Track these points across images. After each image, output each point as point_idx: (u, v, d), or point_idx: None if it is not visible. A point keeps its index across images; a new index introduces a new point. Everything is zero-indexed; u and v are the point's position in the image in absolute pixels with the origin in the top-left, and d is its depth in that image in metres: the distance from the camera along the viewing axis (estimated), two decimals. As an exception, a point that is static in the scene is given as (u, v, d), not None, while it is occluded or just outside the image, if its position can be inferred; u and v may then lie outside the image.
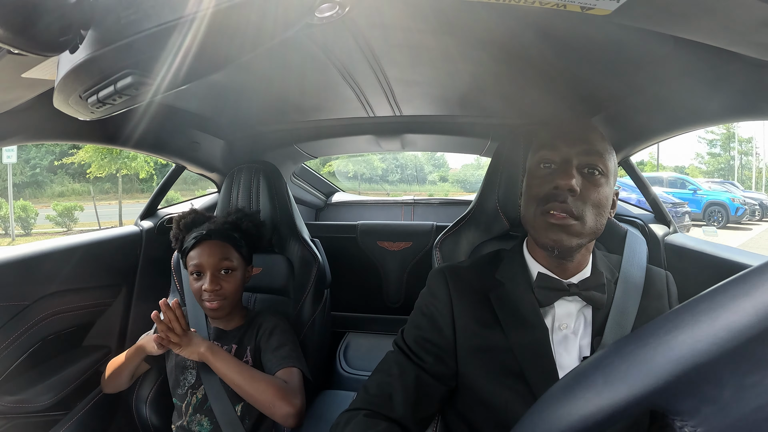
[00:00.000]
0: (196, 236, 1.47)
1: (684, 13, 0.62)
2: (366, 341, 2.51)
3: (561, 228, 0.96)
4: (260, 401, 1.31)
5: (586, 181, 0.98)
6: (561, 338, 1.00)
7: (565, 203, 0.95)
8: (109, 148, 13.82)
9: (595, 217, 0.97)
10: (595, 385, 0.40)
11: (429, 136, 2.19)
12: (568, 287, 1.00)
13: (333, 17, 0.56)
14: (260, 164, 1.85)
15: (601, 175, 0.98)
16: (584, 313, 1.01)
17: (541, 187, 1.01)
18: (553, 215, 0.96)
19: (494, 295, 1.06)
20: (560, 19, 0.95)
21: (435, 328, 1.07)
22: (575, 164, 0.99)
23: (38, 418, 1.51)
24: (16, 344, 1.46)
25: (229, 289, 1.46)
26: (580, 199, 0.96)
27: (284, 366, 1.40)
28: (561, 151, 1.01)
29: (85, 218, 16.61)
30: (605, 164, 0.99)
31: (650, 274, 1.11)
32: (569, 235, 0.96)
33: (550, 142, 1.03)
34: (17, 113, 1.15)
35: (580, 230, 0.96)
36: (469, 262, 1.18)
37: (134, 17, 0.48)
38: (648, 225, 1.85)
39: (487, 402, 1.00)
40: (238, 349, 1.49)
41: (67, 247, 1.69)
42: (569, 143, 1.00)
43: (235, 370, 1.34)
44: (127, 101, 0.62)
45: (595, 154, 0.98)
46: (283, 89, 1.58)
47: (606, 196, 0.99)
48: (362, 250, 2.67)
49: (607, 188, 0.99)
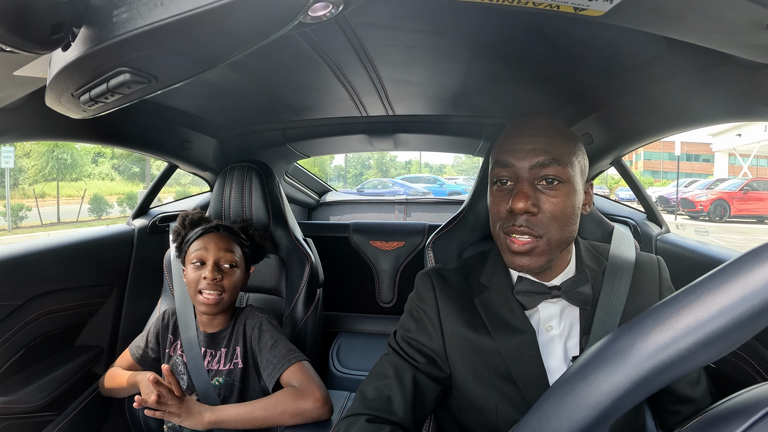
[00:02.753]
0: (204, 227, 1.49)
1: (676, 15, 0.62)
2: (358, 341, 2.51)
3: (524, 253, 0.94)
4: (286, 419, 1.28)
5: (544, 194, 0.94)
6: (547, 340, 0.99)
7: (522, 227, 0.93)
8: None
9: (560, 228, 0.94)
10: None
11: (422, 135, 2.19)
12: (550, 290, 0.98)
13: (327, 16, 0.56)
14: (253, 163, 1.85)
15: (561, 183, 0.94)
16: (570, 313, 1.00)
17: (499, 206, 0.98)
18: (514, 241, 0.94)
19: (479, 300, 1.05)
20: (553, 20, 0.95)
21: (424, 332, 1.06)
22: (528, 179, 0.94)
23: (30, 418, 1.50)
24: (8, 344, 1.45)
25: (228, 283, 1.43)
26: (539, 216, 0.93)
27: (289, 364, 1.36)
28: (512, 168, 0.96)
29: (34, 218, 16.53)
30: (564, 168, 0.94)
31: (640, 261, 1.08)
32: (535, 257, 0.94)
33: (500, 157, 0.99)
34: (9, 111, 1.14)
35: (545, 248, 0.94)
36: (456, 265, 1.17)
37: (127, 15, 0.48)
38: (640, 225, 1.86)
39: (477, 404, 1.00)
40: (227, 352, 1.47)
41: (58, 246, 1.68)
42: (519, 157, 0.95)
43: (247, 416, 1.30)
44: (119, 100, 0.62)
45: (549, 164, 0.93)
46: (276, 88, 1.58)
47: (570, 204, 0.94)
48: (355, 250, 2.67)
49: (570, 194, 0.95)
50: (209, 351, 1.49)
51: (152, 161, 27.77)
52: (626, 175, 1.90)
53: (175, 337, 1.55)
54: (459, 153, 2.65)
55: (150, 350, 1.56)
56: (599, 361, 0.41)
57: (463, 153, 2.61)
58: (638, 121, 1.43)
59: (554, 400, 0.44)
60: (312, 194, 3.61)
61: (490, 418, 0.98)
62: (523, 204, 0.91)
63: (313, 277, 1.76)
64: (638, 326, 0.40)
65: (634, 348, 0.39)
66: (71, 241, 1.75)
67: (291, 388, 1.33)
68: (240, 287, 1.51)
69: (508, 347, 0.98)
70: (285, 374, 1.35)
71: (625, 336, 0.40)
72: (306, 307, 1.71)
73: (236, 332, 1.49)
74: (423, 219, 3.26)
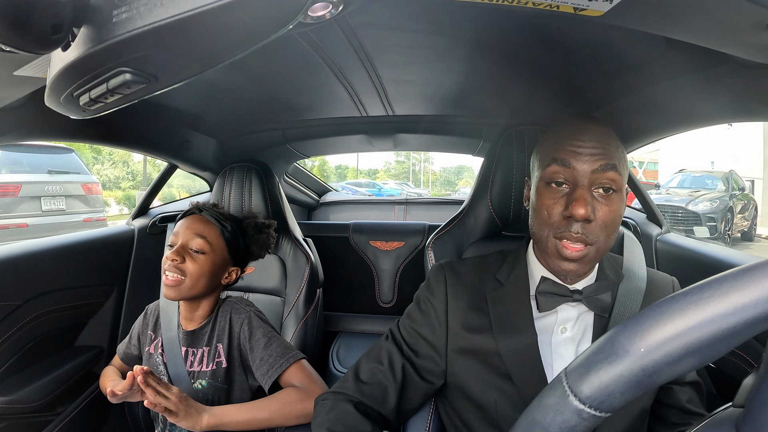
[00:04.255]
0: (186, 210, 1.42)
1: (676, 15, 0.62)
2: (359, 341, 2.51)
3: (575, 260, 0.92)
4: (292, 420, 1.25)
5: (600, 202, 0.91)
6: (559, 342, 0.99)
7: (579, 234, 0.90)
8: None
9: (608, 236, 0.92)
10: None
11: (421, 135, 2.19)
12: (572, 293, 0.97)
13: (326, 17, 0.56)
14: (252, 163, 1.85)
15: (614, 192, 0.91)
16: (585, 318, 1.00)
17: (553, 210, 0.93)
18: (567, 247, 0.91)
19: (491, 296, 1.06)
20: (553, 20, 0.95)
21: (428, 324, 1.08)
22: (589, 185, 0.91)
23: (30, 418, 1.50)
24: (8, 344, 1.45)
25: (191, 268, 1.33)
26: (593, 224, 0.90)
27: (288, 364, 1.31)
28: (573, 170, 0.92)
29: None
30: (619, 175, 0.91)
31: (655, 280, 1.07)
32: (584, 264, 0.93)
33: (560, 155, 0.94)
34: (9, 111, 1.14)
35: (594, 257, 0.92)
36: (472, 260, 1.17)
37: (127, 15, 0.48)
38: (640, 225, 1.86)
39: (476, 401, 1.01)
40: (209, 351, 1.39)
41: (58, 246, 1.68)
42: (582, 159, 0.91)
43: (250, 417, 1.24)
44: (119, 100, 0.62)
45: (610, 170, 0.90)
46: (276, 88, 1.58)
47: (620, 212, 0.92)
48: (355, 250, 2.67)
49: (621, 203, 0.93)
50: (190, 350, 1.41)
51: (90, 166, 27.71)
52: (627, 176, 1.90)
53: (155, 334, 1.48)
54: (459, 153, 2.65)
55: (132, 347, 1.51)
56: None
57: (463, 153, 2.61)
58: (638, 121, 1.43)
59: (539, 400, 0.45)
60: (312, 194, 3.61)
61: (490, 415, 0.99)
62: (584, 211, 0.88)
63: (313, 277, 1.76)
64: (635, 324, 0.40)
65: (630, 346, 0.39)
66: (71, 241, 1.75)
67: (294, 389, 1.28)
68: (213, 278, 1.39)
69: (509, 349, 0.98)
70: (284, 375, 1.30)
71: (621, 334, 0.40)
72: (306, 307, 1.71)
73: (218, 327, 1.41)
74: (423, 219, 3.25)
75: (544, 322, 1.00)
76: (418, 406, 1.10)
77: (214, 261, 1.37)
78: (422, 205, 3.65)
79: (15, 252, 1.53)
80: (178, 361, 1.38)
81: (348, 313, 2.69)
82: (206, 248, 1.36)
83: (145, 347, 1.47)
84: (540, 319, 1.01)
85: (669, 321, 0.37)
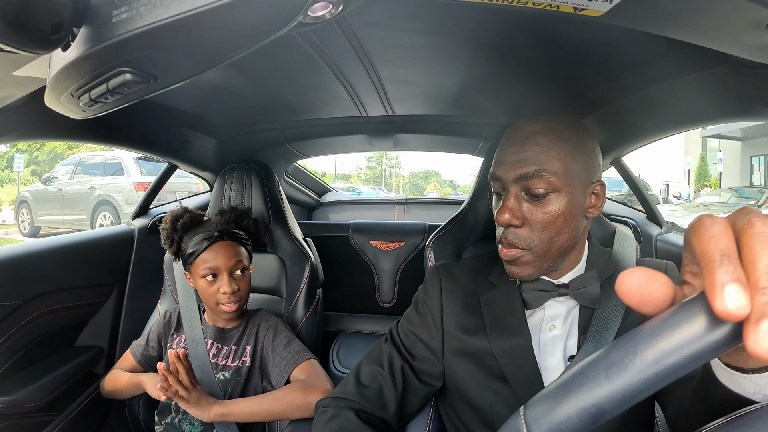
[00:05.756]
0: (206, 237, 1.42)
1: (676, 15, 0.62)
2: (358, 341, 2.51)
3: (511, 263, 0.96)
4: (294, 412, 1.30)
5: (530, 205, 0.93)
6: (548, 340, 0.99)
7: (507, 239, 0.94)
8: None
9: (550, 238, 0.93)
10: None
11: (421, 135, 2.19)
12: (557, 288, 0.99)
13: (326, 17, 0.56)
14: (253, 163, 1.85)
15: (547, 193, 0.91)
16: (574, 314, 1.00)
17: (495, 216, 0.98)
18: (502, 250, 0.96)
19: (484, 298, 1.07)
20: (553, 20, 0.95)
21: (425, 327, 1.09)
22: (514, 192, 0.94)
23: (30, 419, 1.50)
24: (8, 345, 1.45)
25: (245, 289, 1.45)
26: (524, 228, 0.93)
27: (301, 360, 1.40)
28: (500, 180, 0.96)
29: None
30: (553, 177, 0.91)
31: (647, 264, 1.07)
32: (522, 266, 0.95)
33: (492, 169, 0.99)
34: (9, 111, 1.14)
35: (531, 260, 0.94)
36: (468, 261, 1.19)
37: (127, 15, 0.48)
38: (640, 225, 1.87)
39: (472, 403, 1.02)
40: (237, 350, 1.49)
41: (58, 245, 1.68)
42: (506, 169, 0.94)
43: (255, 407, 1.31)
44: (119, 100, 0.62)
45: (534, 176, 0.91)
46: (276, 88, 1.58)
47: (559, 213, 0.92)
48: (355, 250, 2.67)
49: (561, 202, 0.92)
50: (215, 344, 1.50)
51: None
52: (626, 176, 1.90)
53: (177, 332, 1.56)
54: (459, 153, 2.65)
55: (151, 349, 1.56)
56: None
57: (463, 153, 2.61)
58: (638, 121, 1.43)
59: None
60: (312, 194, 3.60)
61: (485, 417, 1.00)
62: (507, 217, 0.92)
63: (313, 277, 1.76)
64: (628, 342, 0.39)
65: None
66: (71, 241, 1.75)
67: (299, 382, 1.35)
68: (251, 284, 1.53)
69: (503, 350, 0.99)
70: (295, 371, 1.38)
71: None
72: (306, 307, 1.71)
73: (248, 332, 1.51)
74: (423, 219, 3.25)
75: (534, 319, 1.02)
76: (419, 408, 1.11)
77: (249, 271, 1.51)
78: (422, 205, 3.65)
79: (15, 252, 1.53)
80: (202, 355, 1.47)
81: (348, 313, 2.69)
82: (246, 265, 1.49)
83: (167, 343, 1.56)
84: (529, 317, 1.02)
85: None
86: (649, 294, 0.38)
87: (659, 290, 0.38)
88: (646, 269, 0.38)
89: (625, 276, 0.39)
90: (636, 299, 0.38)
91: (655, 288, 0.38)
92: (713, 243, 0.35)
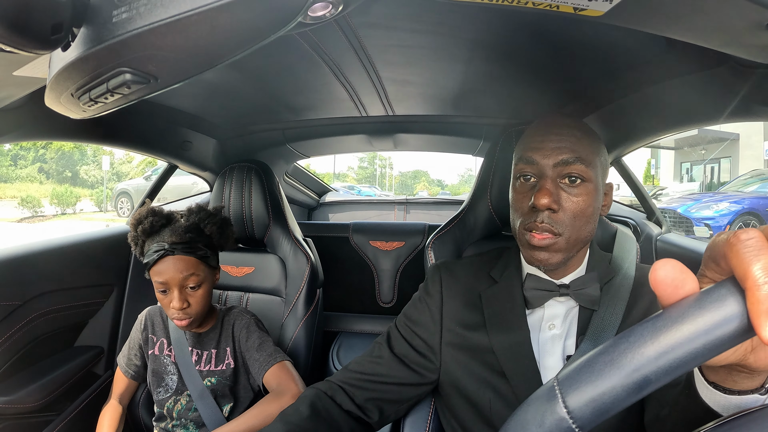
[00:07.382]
0: (157, 250, 1.33)
1: (676, 15, 0.62)
2: (359, 341, 2.50)
3: (543, 248, 0.95)
4: (268, 421, 1.29)
5: (567, 192, 0.95)
6: (547, 339, 1.00)
7: (543, 223, 0.93)
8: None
9: (579, 227, 0.95)
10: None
11: (421, 135, 2.19)
12: (559, 288, 0.99)
13: (326, 17, 0.56)
14: (253, 163, 1.85)
15: (582, 182, 0.95)
16: (574, 314, 1.01)
17: (522, 202, 0.99)
18: (534, 236, 0.95)
19: (485, 294, 1.08)
20: (553, 20, 0.95)
21: (423, 322, 1.11)
22: (552, 177, 0.95)
23: (30, 418, 1.50)
24: (8, 345, 1.45)
25: (196, 305, 1.37)
26: (560, 214, 0.94)
27: (273, 363, 1.39)
28: (536, 165, 0.97)
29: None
30: (587, 167, 0.94)
31: (645, 272, 1.07)
32: (553, 253, 0.95)
33: (525, 154, 0.99)
34: (9, 111, 1.14)
35: (563, 246, 0.95)
36: (469, 259, 1.21)
37: (127, 15, 0.48)
38: (640, 225, 1.86)
39: (471, 400, 1.03)
40: (218, 353, 1.48)
41: (58, 246, 1.68)
42: (544, 154, 0.96)
43: (243, 427, 1.29)
44: (119, 100, 0.61)
45: (573, 163, 0.94)
46: (276, 88, 1.58)
47: (590, 203, 0.95)
48: (355, 250, 2.67)
49: (591, 194, 0.95)
50: (195, 351, 1.49)
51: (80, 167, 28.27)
52: (626, 176, 1.91)
53: (156, 336, 1.53)
54: (459, 153, 2.65)
55: (135, 357, 1.55)
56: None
57: (463, 153, 2.61)
58: (638, 121, 1.43)
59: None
60: (312, 194, 3.61)
61: (484, 414, 1.00)
62: (546, 200, 0.91)
63: (313, 277, 1.76)
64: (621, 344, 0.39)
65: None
66: (71, 241, 1.75)
67: (271, 392, 1.36)
68: (210, 294, 1.45)
69: (503, 346, 1.00)
70: (267, 374, 1.39)
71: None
72: (306, 307, 1.71)
73: (224, 333, 1.50)
74: (423, 219, 3.25)
75: (533, 318, 1.02)
76: (406, 401, 1.12)
77: (208, 283, 1.42)
78: (422, 205, 3.65)
79: (15, 252, 1.53)
80: (187, 359, 1.46)
81: (348, 313, 2.69)
82: (200, 280, 1.38)
83: (149, 350, 1.52)
84: (529, 315, 1.03)
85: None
86: (681, 286, 0.38)
87: (690, 285, 0.38)
88: (679, 262, 0.39)
89: (661, 265, 0.39)
90: (669, 290, 0.39)
91: (688, 282, 0.39)
92: (755, 260, 0.35)
